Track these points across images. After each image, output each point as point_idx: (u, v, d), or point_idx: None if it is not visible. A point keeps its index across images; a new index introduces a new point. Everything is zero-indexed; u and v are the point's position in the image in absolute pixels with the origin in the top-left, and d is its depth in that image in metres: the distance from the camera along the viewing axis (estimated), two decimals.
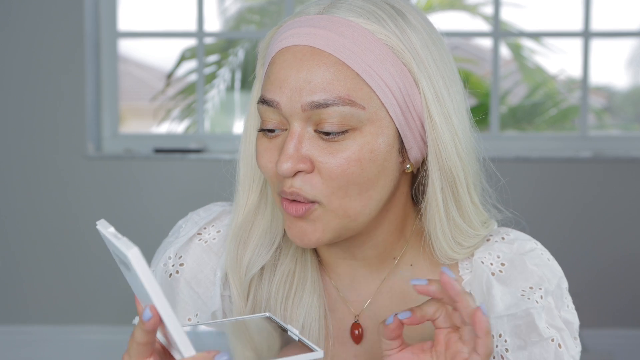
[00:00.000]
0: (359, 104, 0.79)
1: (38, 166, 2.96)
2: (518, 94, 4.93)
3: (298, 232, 0.83)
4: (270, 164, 0.83)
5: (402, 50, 0.80)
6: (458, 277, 0.90)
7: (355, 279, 0.91)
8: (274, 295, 0.89)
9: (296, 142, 0.80)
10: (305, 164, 0.80)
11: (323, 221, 0.82)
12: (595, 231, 2.96)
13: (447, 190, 0.84)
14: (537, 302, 0.86)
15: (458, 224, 0.86)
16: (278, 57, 0.82)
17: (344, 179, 0.80)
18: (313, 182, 0.80)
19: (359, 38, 0.80)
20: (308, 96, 0.79)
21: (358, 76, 0.79)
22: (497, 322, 0.86)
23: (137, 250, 0.64)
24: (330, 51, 0.79)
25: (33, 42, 2.92)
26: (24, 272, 3.00)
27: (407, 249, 0.91)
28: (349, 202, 0.81)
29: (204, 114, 3.28)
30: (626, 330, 2.96)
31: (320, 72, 0.79)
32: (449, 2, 4.87)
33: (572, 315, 0.89)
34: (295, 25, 0.82)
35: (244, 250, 0.90)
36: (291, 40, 0.81)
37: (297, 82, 0.79)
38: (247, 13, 4.58)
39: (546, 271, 0.89)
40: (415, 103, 0.82)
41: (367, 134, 0.80)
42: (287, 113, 0.80)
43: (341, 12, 0.81)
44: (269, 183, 0.86)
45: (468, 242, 0.88)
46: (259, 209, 0.91)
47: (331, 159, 0.79)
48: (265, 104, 0.82)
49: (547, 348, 0.85)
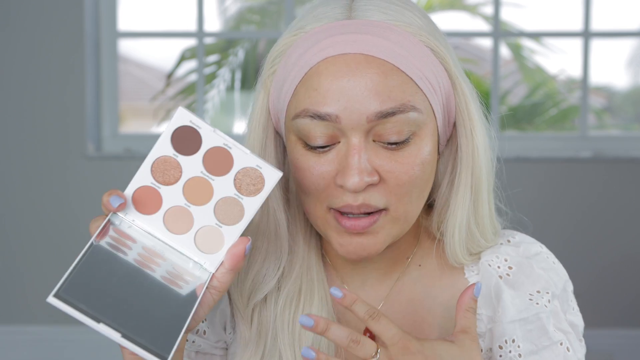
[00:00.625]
0: (418, 108, 0.78)
1: (38, 166, 2.96)
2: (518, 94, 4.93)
3: (356, 247, 0.81)
4: (322, 180, 0.79)
5: (439, 50, 0.80)
6: (464, 279, 0.90)
7: (367, 283, 0.91)
8: (280, 317, 0.87)
9: (361, 155, 0.77)
10: (374, 176, 0.77)
11: (385, 231, 0.80)
12: (595, 231, 2.96)
13: (473, 188, 0.85)
14: (545, 306, 0.86)
15: (472, 231, 0.86)
16: (325, 67, 0.77)
17: (410, 183, 0.79)
18: (382, 192, 0.78)
19: (404, 42, 0.78)
20: (373, 106, 0.75)
21: (411, 80, 0.78)
22: (509, 327, 0.86)
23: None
24: (383, 57, 0.76)
25: (33, 42, 2.92)
26: (24, 272, 3.00)
27: (417, 248, 0.91)
28: (411, 207, 0.81)
29: (204, 114, 3.28)
30: (626, 330, 2.96)
31: (380, 80, 0.76)
32: (449, 2, 4.86)
33: (577, 318, 0.89)
34: (332, 33, 0.78)
35: (245, 275, 0.88)
36: (338, 49, 0.77)
37: (358, 92, 0.75)
38: (247, 13, 4.58)
39: (552, 275, 0.88)
40: (450, 102, 0.82)
41: (424, 137, 0.79)
42: (347, 126, 0.76)
43: (372, 14, 0.79)
44: (314, 199, 0.81)
45: (476, 250, 0.88)
46: (259, 230, 0.87)
47: (398, 167, 0.78)
48: (316, 118, 0.77)
49: (557, 352, 0.85)
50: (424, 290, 0.90)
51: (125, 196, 0.74)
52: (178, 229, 0.75)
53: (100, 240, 0.70)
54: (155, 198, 0.74)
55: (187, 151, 0.74)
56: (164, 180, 0.74)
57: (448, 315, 0.88)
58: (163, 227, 0.74)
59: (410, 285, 0.90)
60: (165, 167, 0.74)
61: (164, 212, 0.74)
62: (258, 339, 0.88)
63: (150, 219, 0.74)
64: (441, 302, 0.89)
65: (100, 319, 0.63)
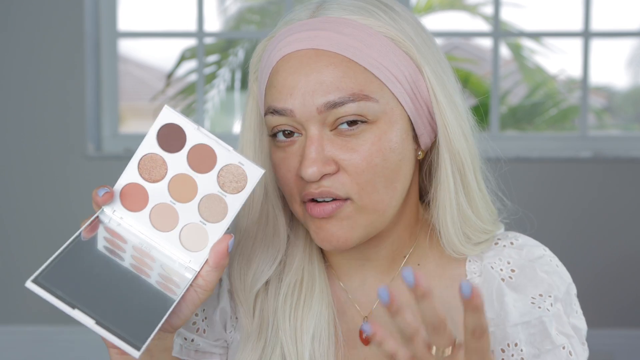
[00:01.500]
0: (372, 97, 0.79)
1: (38, 166, 2.96)
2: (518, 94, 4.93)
3: (326, 235, 0.82)
4: (289, 173, 0.82)
5: (401, 40, 0.81)
6: (464, 275, 0.90)
7: (366, 281, 0.91)
8: (281, 308, 0.88)
9: (317, 146, 0.79)
10: (330, 165, 0.80)
11: (352, 219, 0.81)
12: (595, 231, 2.96)
13: (457, 175, 0.85)
14: (548, 309, 0.86)
15: (466, 214, 0.86)
16: (281, 65, 0.81)
17: (370, 171, 0.80)
18: (342, 181, 0.80)
19: (359, 34, 0.80)
20: (322, 97, 0.79)
21: (366, 70, 0.80)
22: (512, 330, 0.86)
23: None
24: (335, 50, 0.79)
25: (33, 42, 2.92)
26: (24, 272, 3.00)
27: (415, 246, 0.91)
28: (378, 196, 0.81)
29: (204, 114, 3.28)
30: (626, 330, 2.96)
31: (330, 72, 0.79)
32: (449, 2, 4.87)
33: (580, 321, 0.89)
34: (291, 32, 0.82)
35: (247, 266, 0.90)
36: (292, 47, 0.81)
37: (308, 86, 0.79)
38: (247, 13, 4.58)
39: (555, 278, 0.88)
40: (421, 89, 0.83)
41: (383, 125, 0.80)
42: (302, 118, 0.80)
43: (334, 12, 0.82)
44: (288, 194, 0.84)
45: (476, 236, 0.88)
46: (259, 225, 0.90)
47: (354, 155, 0.80)
48: (276, 114, 0.81)
49: (560, 356, 0.85)
50: None
51: (111, 188, 0.75)
52: (164, 226, 0.75)
53: (89, 236, 0.70)
54: (142, 195, 0.75)
55: (172, 149, 0.74)
56: (151, 178, 0.75)
57: (449, 315, 0.88)
58: (149, 224, 0.75)
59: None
60: (152, 165, 0.75)
61: (150, 210, 0.75)
62: (259, 330, 0.89)
63: (137, 216, 0.75)
64: (441, 301, 0.88)
65: (76, 305, 0.63)
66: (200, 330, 0.92)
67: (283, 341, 0.87)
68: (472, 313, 0.66)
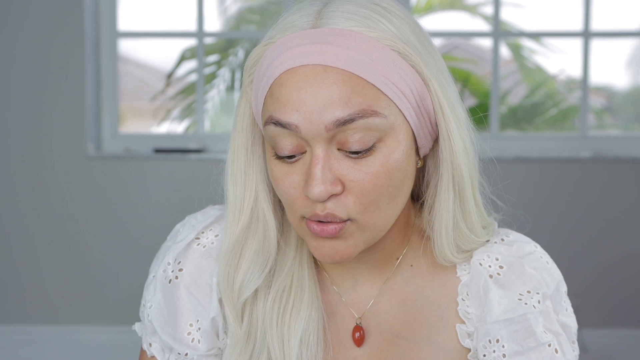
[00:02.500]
0: (381, 113, 0.78)
1: (38, 166, 2.96)
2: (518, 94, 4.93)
3: (329, 251, 0.81)
4: (293, 190, 0.80)
5: (408, 53, 0.80)
6: (455, 278, 0.90)
7: (358, 282, 0.91)
8: (269, 313, 0.88)
9: (323, 165, 0.78)
10: (337, 186, 0.78)
11: (355, 237, 0.81)
12: (595, 231, 2.96)
13: (456, 189, 0.84)
14: (534, 306, 0.86)
15: (461, 228, 0.86)
16: (286, 79, 0.78)
17: (376, 192, 0.79)
18: (345, 203, 0.79)
19: (367, 49, 0.78)
20: (331, 115, 0.76)
21: (374, 87, 0.78)
22: (494, 327, 0.86)
23: None
24: (342, 67, 0.77)
25: (33, 42, 2.92)
26: (23, 272, 3.00)
27: (408, 248, 0.91)
28: (380, 214, 0.80)
29: (204, 114, 3.28)
30: (626, 330, 2.96)
31: (338, 89, 0.76)
32: (449, 2, 4.87)
33: (570, 319, 0.89)
34: (294, 44, 0.79)
35: (235, 273, 0.88)
36: (297, 61, 0.78)
37: (316, 103, 0.76)
38: (247, 13, 4.58)
39: (545, 275, 0.88)
40: (426, 102, 0.82)
41: (391, 143, 0.79)
42: (308, 136, 0.77)
43: (339, 21, 0.79)
44: (289, 206, 0.83)
45: (467, 246, 0.88)
46: (249, 231, 0.88)
47: (361, 176, 0.78)
48: (279, 126, 0.78)
49: (544, 353, 0.85)
50: (415, 290, 0.90)
51: None
52: None
53: None
54: None
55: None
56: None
57: (439, 315, 0.89)
58: None
59: (401, 285, 0.90)
60: None
61: None
62: (247, 337, 0.89)
63: None
64: (433, 301, 0.89)
65: None
66: (195, 341, 0.91)
67: (270, 346, 0.87)
68: None
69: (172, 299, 0.92)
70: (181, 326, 0.91)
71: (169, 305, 0.92)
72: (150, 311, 0.92)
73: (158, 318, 0.91)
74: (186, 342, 0.91)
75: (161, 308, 0.91)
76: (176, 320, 0.91)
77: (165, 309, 0.91)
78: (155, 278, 0.93)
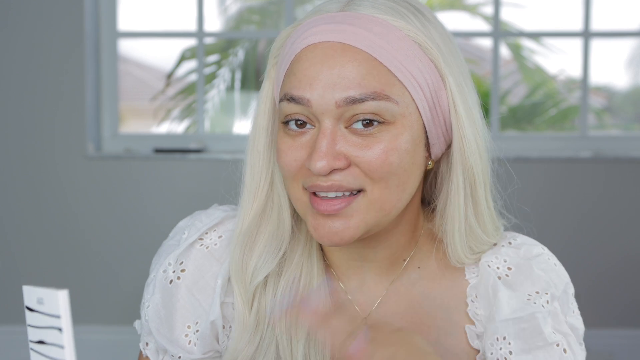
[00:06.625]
0: (393, 98, 0.78)
1: (38, 166, 2.96)
2: (518, 94, 4.93)
3: (328, 232, 0.81)
4: (295, 162, 0.81)
5: (429, 47, 0.80)
6: (464, 280, 0.90)
7: (365, 282, 0.91)
8: (278, 304, 0.88)
9: (329, 140, 0.78)
10: (341, 161, 0.79)
11: (359, 215, 0.81)
12: (595, 231, 2.96)
13: (468, 190, 0.85)
14: (543, 306, 0.86)
15: (473, 228, 0.86)
16: (305, 54, 0.80)
17: (385, 168, 0.79)
18: (354, 174, 0.79)
19: (388, 35, 0.79)
20: (343, 92, 0.78)
21: (390, 72, 0.79)
22: (502, 325, 0.86)
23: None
24: (361, 47, 0.78)
25: (33, 42, 2.92)
26: (24, 272, 3.00)
27: (416, 251, 0.91)
28: (388, 194, 0.80)
29: (204, 114, 3.28)
30: (626, 330, 2.96)
31: (354, 68, 0.78)
32: (449, 2, 4.87)
33: (577, 321, 0.89)
34: (319, 23, 0.80)
35: (249, 256, 0.88)
36: (318, 37, 0.79)
37: (330, 78, 0.78)
38: (247, 13, 4.58)
39: (553, 276, 0.88)
40: (441, 99, 0.82)
41: (400, 127, 0.79)
42: (318, 110, 0.79)
43: (365, 9, 0.80)
44: (289, 179, 0.83)
45: (479, 247, 0.88)
46: (264, 214, 0.89)
47: (368, 152, 0.79)
48: (292, 102, 0.80)
49: (552, 353, 0.85)
50: (423, 292, 0.90)
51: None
52: None
53: None
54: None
55: None
56: None
57: (447, 317, 0.89)
58: None
59: (408, 287, 0.90)
60: None
61: None
62: (256, 324, 0.88)
63: None
64: (441, 304, 0.89)
65: None
66: (192, 343, 0.91)
67: (278, 338, 0.87)
68: None
69: (171, 300, 0.91)
70: (178, 327, 0.91)
71: (167, 306, 0.91)
72: (148, 311, 0.92)
73: (154, 319, 0.91)
74: (182, 345, 0.91)
75: (158, 309, 0.91)
76: (173, 321, 0.91)
77: (162, 310, 0.91)
78: (155, 278, 0.93)
